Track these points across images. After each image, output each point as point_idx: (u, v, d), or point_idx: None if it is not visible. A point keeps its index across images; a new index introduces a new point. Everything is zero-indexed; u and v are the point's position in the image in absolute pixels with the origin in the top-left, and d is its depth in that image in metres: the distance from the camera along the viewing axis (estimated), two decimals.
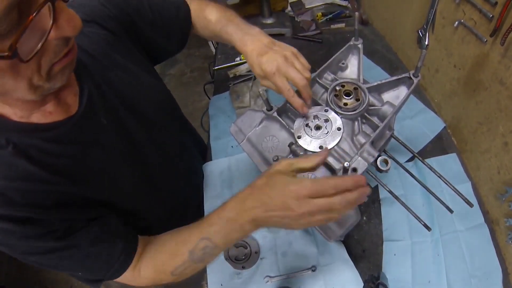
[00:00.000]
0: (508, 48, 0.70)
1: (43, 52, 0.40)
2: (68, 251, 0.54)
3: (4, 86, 0.41)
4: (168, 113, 0.84)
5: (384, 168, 0.61)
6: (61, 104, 0.54)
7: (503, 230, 0.81)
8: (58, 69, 0.44)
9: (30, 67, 0.40)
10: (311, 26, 1.52)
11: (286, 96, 0.64)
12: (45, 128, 0.52)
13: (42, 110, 0.52)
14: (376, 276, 0.79)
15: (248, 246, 0.88)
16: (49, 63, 0.42)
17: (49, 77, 0.44)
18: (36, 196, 0.50)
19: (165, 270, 0.60)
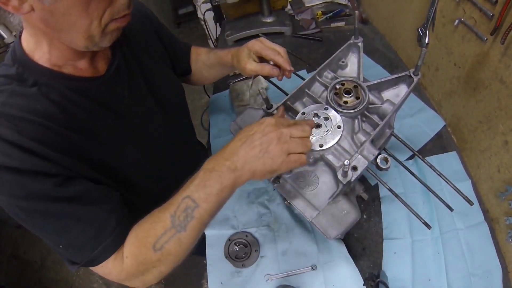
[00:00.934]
0: (508, 46, 0.70)
1: (111, 3, 0.47)
2: (61, 205, 0.51)
3: (68, 18, 0.45)
4: (182, 107, 0.90)
5: (384, 166, 0.61)
6: (93, 65, 0.60)
7: (503, 229, 0.81)
8: (113, 28, 0.51)
9: (98, 9, 0.46)
10: (311, 24, 1.52)
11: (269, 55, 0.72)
12: (72, 78, 0.57)
13: (74, 65, 0.57)
14: (376, 274, 0.80)
15: (248, 245, 0.88)
16: (111, 16, 0.49)
17: (104, 31, 0.50)
18: (47, 134, 0.51)
19: (147, 243, 0.53)
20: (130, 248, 0.56)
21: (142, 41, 0.74)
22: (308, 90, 0.73)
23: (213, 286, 0.85)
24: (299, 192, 0.64)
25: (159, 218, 0.54)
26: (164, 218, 0.53)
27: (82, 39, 0.49)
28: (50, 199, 0.51)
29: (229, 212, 0.96)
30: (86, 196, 0.54)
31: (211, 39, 2.36)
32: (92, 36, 0.49)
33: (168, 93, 0.80)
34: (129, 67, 0.67)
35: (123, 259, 0.55)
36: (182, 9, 3.83)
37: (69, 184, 0.52)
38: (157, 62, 0.77)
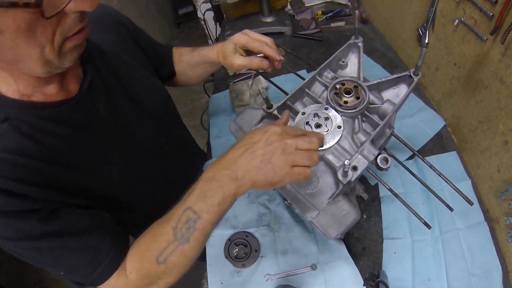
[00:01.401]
0: (508, 46, 0.70)
1: (59, 22, 0.42)
2: (51, 240, 0.51)
3: (17, 50, 0.41)
4: (168, 111, 0.86)
5: (384, 166, 0.61)
6: (63, 88, 0.55)
7: (503, 229, 0.81)
8: (69, 47, 0.46)
9: (45, 34, 0.41)
10: (311, 24, 1.52)
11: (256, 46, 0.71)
12: (43, 106, 0.52)
13: (44, 91, 0.53)
14: (376, 274, 0.80)
15: (248, 244, 0.88)
16: (63, 36, 0.44)
17: (60, 52, 0.45)
18: (24, 171, 0.49)
19: (150, 256, 0.53)
20: (133, 263, 0.56)
21: (118, 50, 0.70)
22: (308, 90, 0.73)
23: (213, 286, 0.85)
24: (299, 192, 0.64)
25: (161, 231, 0.53)
26: (166, 231, 0.52)
27: (39, 66, 0.45)
28: (38, 236, 0.50)
29: (229, 212, 0.95)
30: (74, 225, 0.53)
31: (211, 39, 2.36)
32: (49, 61, 0.45)
33: (152, 100, 0.75)
34: (104, 80, 0.62)
35: (127, 275, 0.56)
36: (182, 9, 3.83)
37: (54, 217, 0.51)
38: (137, 69, 0.73)
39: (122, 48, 0.71)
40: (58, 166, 0.53)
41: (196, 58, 0.88)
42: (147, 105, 0.72)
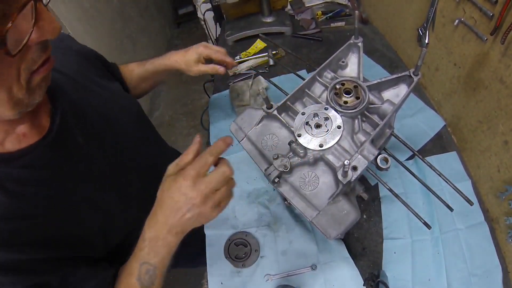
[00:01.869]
0: (508, 46, 0.70)
1: (22, 57, 0.39)
2: None
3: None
4: (144, 124, 0.86)
5: (384, 166, 0.61)
6: (35, 125, 0.52)
7: (503, 229, 0.81)
8: (37, 81, 0.43)
9: (11, 73, 0.39)
10: (311, 24, 1.52)
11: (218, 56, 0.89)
12: (20, 154, 0.49)
13: (16, 134, 0.49)
14: (376, 274, 0.80)
15: (248, 245, 0.88)
16: (28, 71, 0.41)
17: (29, 88, 0.42)
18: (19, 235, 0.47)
19: None
20: None
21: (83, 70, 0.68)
22: (308, 90, 0.73)
23: (213, 286, 0.85)
24: (299, 192, 0.64)
25: (129, 283, 0.56)
26: (133, 283, 0.56)
27: (9, 109, 0.42)
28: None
29: (229, 212, 0.96)
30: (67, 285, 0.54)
31: (211, 39, 2.36)
32: (18, 101, 0.42)
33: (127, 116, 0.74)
34: (76, 110, 0.59)
35: None
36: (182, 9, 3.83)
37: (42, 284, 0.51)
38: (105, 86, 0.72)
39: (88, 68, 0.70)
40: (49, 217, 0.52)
41: (150, 70, 0.94)
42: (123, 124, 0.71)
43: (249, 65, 1.37)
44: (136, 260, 0.56)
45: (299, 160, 0.65)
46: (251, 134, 0.73)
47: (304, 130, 0.66)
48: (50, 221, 0.52)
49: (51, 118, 0.54)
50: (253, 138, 0.72)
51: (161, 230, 0.53)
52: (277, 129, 0.72)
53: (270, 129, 0.72)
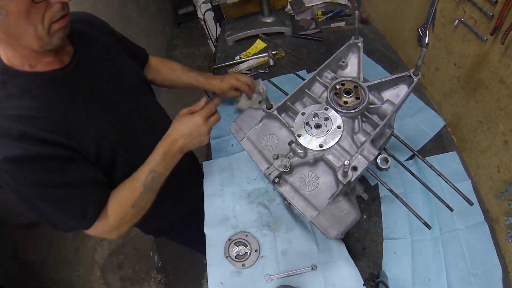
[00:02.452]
0: (508, 46, 0.70)
1: (46, 9, 0.59)
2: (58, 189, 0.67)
3: (19, 28, 0.59)
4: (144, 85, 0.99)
5: (384, 166, 0.61)
6: (58, 59, 0.72)
7: (503, 229, 0.82)
8: (56, 28, 0.62)
9: (37, 16, 0.58)
10: (311, 24, 1.52)
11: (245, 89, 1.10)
12: (44, 73, 0.70)
13: (44, 62, 0.70)
14: (376, 274, 0.80)
15: (248, 245, 0.88)
16: (50, 20, 0.60)
17: (49, 32, 0.62)
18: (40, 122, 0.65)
19: (127, 204, 0.77)
20: (113, 210, 0.75)
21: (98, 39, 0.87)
22: (308, 90, 0.73)
23: (213, 286, 0.85)
24: (299, 192, 0.64)
25: (134, 186, 0.77)
26: (138, 186, 0.77)
27: (34, 41, 0.62)
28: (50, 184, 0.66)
29: (229, 212, 0.96)
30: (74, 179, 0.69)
31: (211, 39, 2.36)
32: (41, 38, 0.61)
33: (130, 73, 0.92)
34: (89, 57, 0.79)
35: (107, 218, 0.75)
36: (182, 9, 3.83)
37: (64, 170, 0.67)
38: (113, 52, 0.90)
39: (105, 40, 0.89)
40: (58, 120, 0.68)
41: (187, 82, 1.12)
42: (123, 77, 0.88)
43: (249, 65, 1.37)
44: (145, 170, 0.78)
45: (299, 160, 0.65)
46: (251, 134, 0.73)
47: (304, 130, 0.66)
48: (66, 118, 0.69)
49: (71, 57, 0.75)
50: (253, 138, 0.72)
51: (174, 148, 0.79)
52: (277, 129, 0.72)
53: (270, 129, 0.72)
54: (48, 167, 0.65)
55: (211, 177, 1.05)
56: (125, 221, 0.78)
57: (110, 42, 0.91)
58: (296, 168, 0.66)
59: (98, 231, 0.75)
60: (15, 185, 0.64)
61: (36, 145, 0.63)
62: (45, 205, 0.68)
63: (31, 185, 0.65)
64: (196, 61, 3.30)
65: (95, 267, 2.16)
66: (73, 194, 0.69)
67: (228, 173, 1.04)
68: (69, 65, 0.74)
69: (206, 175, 1.05)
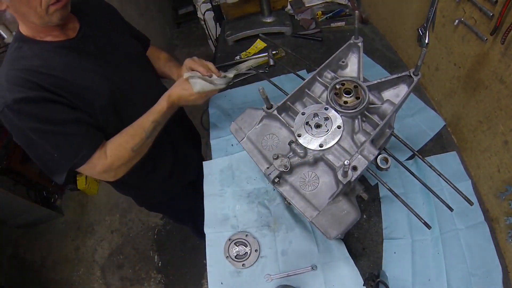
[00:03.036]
0: (508, 46, 0.70)
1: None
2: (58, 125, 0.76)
3: (22, 9, 0.72)
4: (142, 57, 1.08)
5: (384, 166, 0.61)
6: (64, 33, 0.83)
7: (503, 229, 0.81)
8: (53, 10, 0.73)
9: (35, 1, 0.70)
10: (311, 24, 1.52)
11: None
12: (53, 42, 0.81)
13: (52, 34, 0.81)
14: (376, 274, 0.80)
15: (249, 245, 0.88)
16: (47, 3, 0.71)
17: (47, 13, 0.73)
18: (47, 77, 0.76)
19: (127, 147, 0.85)
20: (113, 151, 0.83)
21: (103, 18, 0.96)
22: (308, 90, 0.73)
23: (213, 286, 0.85)
24: (299, 192, 0.64)
25: (136, 132, 0.86)
26: (140, 132, 0.86)
27: (36, 19, 0.74)
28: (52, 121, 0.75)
29: (229, 212, 0.96)
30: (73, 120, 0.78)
31: (211, 39, 2.36)
32: (41, 17, 0.73)
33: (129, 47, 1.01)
34: (93, 32, 0.89)
35: (106, 157, 0.83)
36: (182, 9, 3.83)
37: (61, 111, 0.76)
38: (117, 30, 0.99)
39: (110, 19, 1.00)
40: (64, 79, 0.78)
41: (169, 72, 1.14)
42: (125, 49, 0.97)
43: (249, 65, 1.37)
44: (149, 119, 0.87)
45: (299, 160, 0.65)
46: (251, 134, 0.73)
47: (304, 130, 0.66)
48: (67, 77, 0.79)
49: (77, 32, 0.86)
50: (253, 138, 0.72)
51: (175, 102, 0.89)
52: (277, 129, 0.72)
53: (270, 129, 0.72)
54: (47, 107, 0.74)
55: (211, 177, 1.05)
56: (123, 162, 0.86)
57: (116, 22, 1.01)
58: (296, 168, 0.66)
59: (96, 170, 0.83)
60: (20, 123, 0.74)
61: (37, 90, 0.73)
62: (44, 141, 0.76)
63: (33, 121, 0.74)
64: None
65: (95, 267, 2.16)
66: (69, 131, 0.77)
67: (228, 173, 1.04)
68: (75, 38, 0.85)
69: (206, 175, 1.05)
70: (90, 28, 0.89)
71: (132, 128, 0.87)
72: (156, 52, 1.19)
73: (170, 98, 0.87)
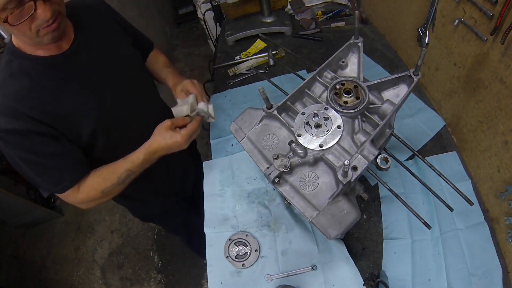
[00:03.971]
0: (508, 46, 0.70)
1: (31, 21, 0.68)
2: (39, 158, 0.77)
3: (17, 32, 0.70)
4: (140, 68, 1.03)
5: (384, 166, 0.61)
6: (57, 45, 0.80)
7: (503, 229, 0.81)
8: (43, 33, 0.71)
9: (24, 27, 0.68)
10: (311, 24, 1.52)
11: None
12: (44, 58, 0.78)
13: (44, 48, 0.77)
14: (376, 274, 0.80)
15: (249, 245, 0.88)
16: (36, 28, 0.69)
17: (38, 35, 0.71)
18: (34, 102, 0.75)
19: (98, 189, 0.85)
20: (85, 188, 0.84)
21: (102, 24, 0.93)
22: (308, 90, 0.73)
23: (213, 286, 0.85)
24: (299, 192, 0.64)
25: (109, 177, 0.85)
26: (113, 177, 0.85)
27: (26, 39, 0.73)
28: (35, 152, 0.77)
29: (229, 212, 0.96)
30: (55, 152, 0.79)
31: (211, 39, 2.36)
32: (31, 38, 0.71)
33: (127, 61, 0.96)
34: (88, 43, 0.86)
35: (78, 192, 0.84)
36: (182, 9, 3.82)
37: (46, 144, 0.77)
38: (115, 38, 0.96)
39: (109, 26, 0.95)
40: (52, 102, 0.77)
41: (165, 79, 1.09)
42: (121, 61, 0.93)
43: (249, 65, 1.37)
44: (123, 167, 0.85)
45: (299, 160, 0.65)
46: (251, 134, 0.73)
47: (304, 130, 0.66)
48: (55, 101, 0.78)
49: (71, 44, 0.82)
50: (253, 138, 0.72)
51: (153, 156, 0.86)
52: (277, 129, 0.72)
53: (270, 129, 0.72)
54: (33, 139, 0.75)
55: (211, 177, 1.05)
56: (92, 201, 0.88)
57: (114, 28, 0.97)
58: (296, 168, 0.66)
59: (69, 200, 0.86)
60: (8, 150, 0.76)
61: (25, 121, 0.73)
62: (28, 169, 0.79)
63: (19, 150, 0.76)
64: (196, 61, 3.30)
65: (95, 267, 2.16)
66: (51, 164, 0.79)
67: (228, 173, 1.04)
68: (67, 51, 0.81)
69: (206, 175, 1.05)
70: (85, 38, 0.85)
71: (107, 170, 0.86)
72: (155, 54, 1.15)
73: (149, 148, 0.85)
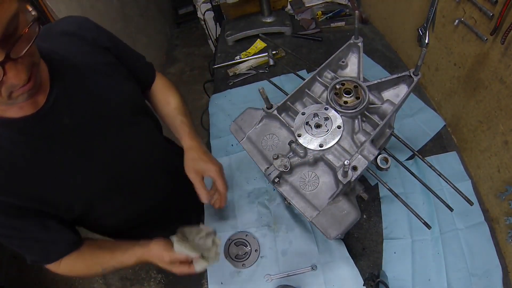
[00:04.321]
0: (508, 47, 0.70)
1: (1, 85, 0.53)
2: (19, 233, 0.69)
3: None
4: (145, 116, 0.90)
5: (384, 166, 0.61)
6: (32, 101, 0.64)
7: (503, 229, 0.81)
8: (16, 95, 0.56)
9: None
10: (311, 24, 1.52)
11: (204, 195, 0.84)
12: (15, 121, 0.63)
13: (16, 106, 0.62)
14: (376, 274, 0.80)
15: (248, 245, 0.88)
16: (7, 91, 0.55)
17: (10, 97, 0.56)
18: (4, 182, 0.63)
19: (79, 272, 0.80)
20: (66, 267, 0.78)
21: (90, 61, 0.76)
22: (308, 90, 0.73)
23: (213, 286, 0.85)
24: (299, 192, 0.64)
25: (94, 267, 0.79)
26: (97, 268, 0.79)
27: None
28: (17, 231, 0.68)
29: (229, 212, 0.96)
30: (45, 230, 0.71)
31: (211, 39, 2.36)
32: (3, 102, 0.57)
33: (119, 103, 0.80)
34: (70, 94, 0.70)
35: (59, 267, 0.78)
36: (182, 9, 3.83)
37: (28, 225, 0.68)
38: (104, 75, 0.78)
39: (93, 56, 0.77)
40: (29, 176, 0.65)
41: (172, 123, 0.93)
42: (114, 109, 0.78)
43: (249, 65, 1.37)
44: (110, 263, 0.79)
45: (299, 160, 0.65)
46: (251, 134, 0.73)
47: (304, 130, 0.66)
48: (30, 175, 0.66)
49: (47, 97, 0.66)
50: (253, 138, 0.72)
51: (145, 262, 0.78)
52: (277, 129, 0.72)
53: (270, 129, 0.72)
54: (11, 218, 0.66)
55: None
56: (71, 275, 0.82)
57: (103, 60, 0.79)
58: (296, 168, 0.66)
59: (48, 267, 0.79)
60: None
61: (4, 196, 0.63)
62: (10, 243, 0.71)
63: None
64: (196, 61, 3.30)
65: None
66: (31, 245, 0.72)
67: (228, 173, 1.04)
68: (43, 108, 0.65)
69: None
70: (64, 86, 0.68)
71: (92, 259, 0.79)
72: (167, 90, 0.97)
73: (142, 257, 0.77)
